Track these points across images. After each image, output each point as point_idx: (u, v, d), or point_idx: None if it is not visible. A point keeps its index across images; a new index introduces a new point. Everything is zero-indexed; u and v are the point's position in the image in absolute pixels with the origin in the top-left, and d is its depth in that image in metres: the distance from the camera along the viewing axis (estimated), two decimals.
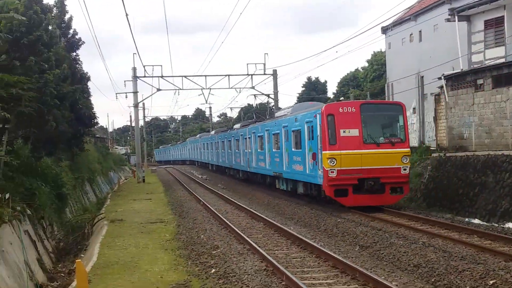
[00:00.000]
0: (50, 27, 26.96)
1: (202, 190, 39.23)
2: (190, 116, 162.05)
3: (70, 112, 29.89)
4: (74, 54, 35.80)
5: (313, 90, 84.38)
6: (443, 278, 12.38)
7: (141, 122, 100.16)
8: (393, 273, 12.98)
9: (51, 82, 23.88)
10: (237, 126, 47.26)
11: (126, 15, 26.81)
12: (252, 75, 49.70)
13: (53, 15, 31.81)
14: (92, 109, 37.07)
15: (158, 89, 49.74)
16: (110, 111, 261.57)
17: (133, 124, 66.43)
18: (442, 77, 30.54)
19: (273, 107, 58.65)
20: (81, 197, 33.73)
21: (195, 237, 18.63)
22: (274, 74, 50.70)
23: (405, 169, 22.89)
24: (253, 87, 50.88)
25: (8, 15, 20.23)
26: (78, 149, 36.16)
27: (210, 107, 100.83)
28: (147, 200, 32.62)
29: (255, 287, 11.65)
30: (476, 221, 21.58)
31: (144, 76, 48.81)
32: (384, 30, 44.12)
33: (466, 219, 22.04)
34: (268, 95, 52.57)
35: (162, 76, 48.85)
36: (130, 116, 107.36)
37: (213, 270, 13.38)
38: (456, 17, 30.77)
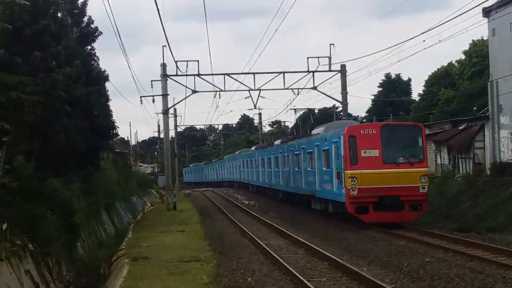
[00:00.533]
0: (59, 14, 27.48)
1: (249, 220, 39.35)
2: (234, 125, 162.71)
3: (84, 121, 30.36)
4: (89, 47, 36.19)
5: (393, 91, 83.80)
6: None
7: (172, 133, 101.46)
8: None
9: (60, 83, 24.32)
10: (277, 142, 55.30)
11: None
12: (314, 72, 49.73)
13: None
14: (111, 117, 37.56)
15: (194, 91, 50.27)
16: (134, 119, 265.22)
17: (162, 136, 67.13)
18: None
19: (341, 113, 58.29)
20: (96, 228, 34.20)
21: (240, 280, 18.60)
22: (342, 70, 50.58)
23: (423, 188, 30.20)
24: (315, 88, 50.91)
25: (8, 0, 20.60)
26: (93, 168, 36.65)
27: (260, 114, 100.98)
28: (179, 232, 32.76)
29: None
30: None
31: (176, 75, 49.39)
32: (487, 12, 43.36)
33: None
34: (334, 98, 52.48)
35: (199, 75, 49.36)
36: (158, 126, 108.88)
37: None
38: None
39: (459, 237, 26.67)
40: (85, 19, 35.60)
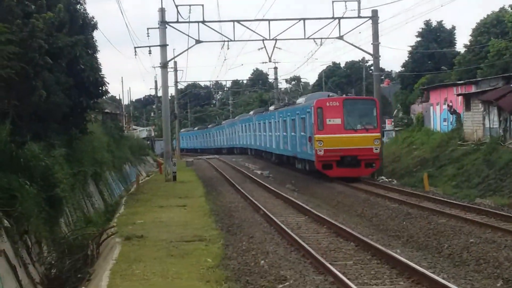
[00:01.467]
0: None
1: (261, 192, 39.72)
2: (245, 82, 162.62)
3: (68, 76, 30.34)
4: None
5: (433, 41, 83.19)
6: None
7: (171, 91, 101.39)
8: None
9: (40, 31, 24.25)
10: (271, 108, 70.25)
11: None
12: (340, 18, 49.33)
13: None
14: (100, 71, 37.47)
15: (198, 41, 50.07)
16: (127, 74, 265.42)
17: (160, 94, 67.06)
18: None
19: (371, 68, 57.98)
20: (83, 201, 34.30)
21: (252, 263, 18.67)
22: (374, 17, 50.17)
23: (376, 149, 43.39)
24: (341, 37, 50.56)
25: None
26: (79, 131, 36.69)
27: (276, 68, 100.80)
28: (180, 207, 32.87)
29: None
30: None
31: (177, 22, 49.21)
32: None
33: None
34: (364, 50, 52.17)
35: (203, 22, 49.10)
36: (156, 82, 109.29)
37: None
38: None
39: (510, 214, 26.67)
40: None
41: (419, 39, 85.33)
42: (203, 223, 27.08)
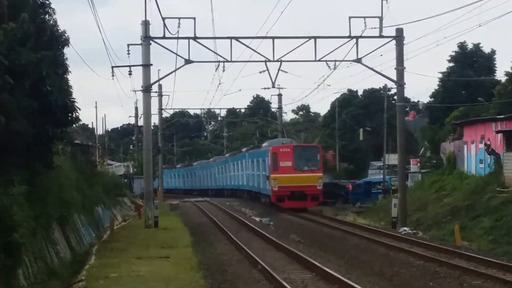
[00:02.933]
0: None
1: (259, 243, 39.90)
2: (243, 111, 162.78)
3: (32, 99, 30.36)
4: None
5: (469, 67, 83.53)
6: None
7: (155, 119, 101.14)
8: None
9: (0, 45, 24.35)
10: (244, 149, 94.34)
11: None
12: (357, 37, 49.66)
13: None
14: (70, 95, 37.48)
15: (188, 61, 50.36)
16: (102, 98, 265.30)
17: (141, 123, 66.95)
18: None
19: (394, 98, 58.03)
20: (46, 249, 34.22)
21: None
22: (399, 37, 50.49)
23: (319, 186, 67.42)
24: (359, 60, 50.84)
25: None
26: (43, 165, 36.65)
27: (280, 95, 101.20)
28: (162, 259, 32.88)
29: None
30: None
31: (164, 37, 49.50)
32: None
33: None
34: (386, 76, 52.31)
35: (195, 38, 49.41)
36: (136, 109, 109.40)
37: None
38: None
39: None
40: None
41: (451, 64, 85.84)
42: (190, 279, 27.05)
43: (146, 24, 49.98)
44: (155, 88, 75.86)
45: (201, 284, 25.83)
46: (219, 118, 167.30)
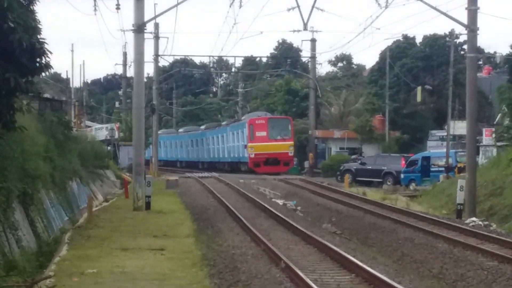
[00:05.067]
0: None
1: (282, 233, 40.20)
2: (265, 60, 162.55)
3: None
4: None
5: None
6: None
7: (149, 69, 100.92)
8: None
9: None
10: (224, 123, 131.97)
11: None
12: None
13: None
14: (39, 34, 37.60)
15: None
16: (81, 40, 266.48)
17: (131, 73, 66.93)
18: None
19: (463, 48, 57.93)
20: (3, 236, 34.37)
21: None
22: None
23: (290, 153, 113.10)
24: None
25: None
26: (2, 125, 36.80)
27: (314, 40, 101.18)
28: (154, 251, 32.96)
29: None
30: None
31: None
32: None
33: None
34: (453, 18, 52.37)
35: None
36: (125, 54, 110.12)
37: None
38: None
39: None
40: None
41: None
42: (190, 278, 27.08)
43: None
44: (150, 27, 75.86)
45: (205, 285, 25.85)
46: (233, 69, 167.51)
